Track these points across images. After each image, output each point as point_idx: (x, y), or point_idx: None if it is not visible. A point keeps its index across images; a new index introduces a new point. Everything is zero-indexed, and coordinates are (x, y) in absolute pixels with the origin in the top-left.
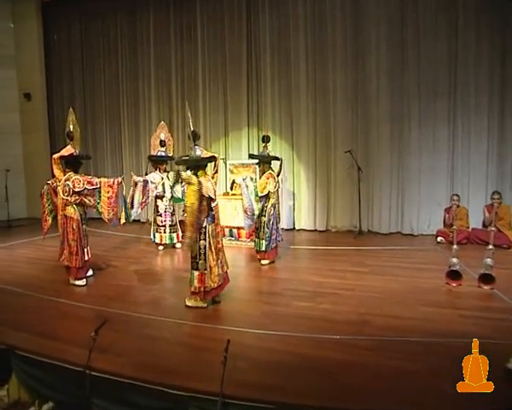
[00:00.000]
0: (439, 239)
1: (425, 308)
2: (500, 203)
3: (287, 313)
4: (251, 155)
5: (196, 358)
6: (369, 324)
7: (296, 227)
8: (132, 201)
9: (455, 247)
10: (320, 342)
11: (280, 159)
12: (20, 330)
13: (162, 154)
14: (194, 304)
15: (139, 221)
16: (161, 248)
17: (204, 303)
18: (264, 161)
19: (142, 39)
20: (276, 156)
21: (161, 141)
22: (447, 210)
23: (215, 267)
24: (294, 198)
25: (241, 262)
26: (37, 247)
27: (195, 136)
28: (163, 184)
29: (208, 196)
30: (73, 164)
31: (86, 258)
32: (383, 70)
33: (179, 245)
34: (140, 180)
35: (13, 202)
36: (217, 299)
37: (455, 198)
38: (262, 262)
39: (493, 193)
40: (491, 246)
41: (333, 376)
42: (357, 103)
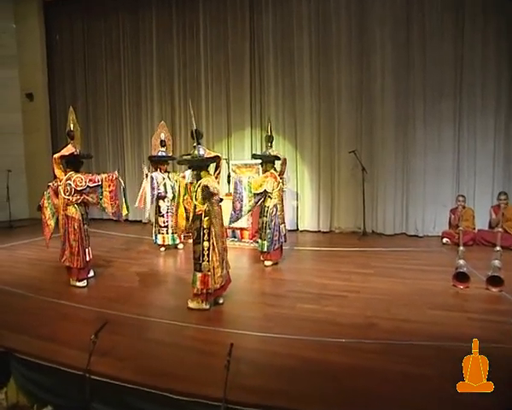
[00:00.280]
0: (445, 240)
1: (432, 311)
2: (507, 204)
3: (291, 316)
4: (254, 155)
5: (199, 362)
6: (376, 327)
7: (299, 228)
8: (145, 195)
9: (461, 248)
10: (325, 345)
11: (280, 158)
12: (20, 332)
13: (163, 154)
14: (196, 306)
15: (141, 222)
16: (163, 249)
17: (206, 305)
18: (267, 161)
19: (144, 39)
20: (277, 156)
21: (162, 141)
22: (453, 211)
23: (218, 268)
24: (298, 199)
25: (245, 263)
26: (38, 248)
27: (198, 134)
28: (164, 185)
29: (220, 199)
30: (74, 163)
31: (88, 259)
32: (388, 70)
33: (181, 246)
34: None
35: (14, 203)
36: (219, 300)
37: (460, 199)
38: (265, 263)
39: (500, 194)
40: (498, 247)
41: (338, 380)
42: (361, 103)
